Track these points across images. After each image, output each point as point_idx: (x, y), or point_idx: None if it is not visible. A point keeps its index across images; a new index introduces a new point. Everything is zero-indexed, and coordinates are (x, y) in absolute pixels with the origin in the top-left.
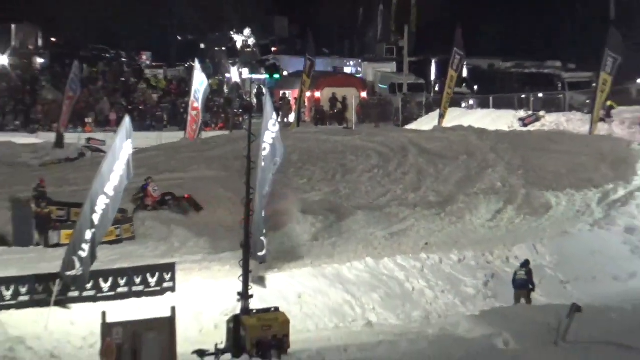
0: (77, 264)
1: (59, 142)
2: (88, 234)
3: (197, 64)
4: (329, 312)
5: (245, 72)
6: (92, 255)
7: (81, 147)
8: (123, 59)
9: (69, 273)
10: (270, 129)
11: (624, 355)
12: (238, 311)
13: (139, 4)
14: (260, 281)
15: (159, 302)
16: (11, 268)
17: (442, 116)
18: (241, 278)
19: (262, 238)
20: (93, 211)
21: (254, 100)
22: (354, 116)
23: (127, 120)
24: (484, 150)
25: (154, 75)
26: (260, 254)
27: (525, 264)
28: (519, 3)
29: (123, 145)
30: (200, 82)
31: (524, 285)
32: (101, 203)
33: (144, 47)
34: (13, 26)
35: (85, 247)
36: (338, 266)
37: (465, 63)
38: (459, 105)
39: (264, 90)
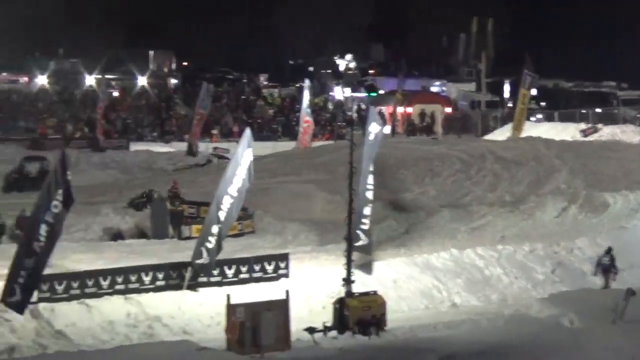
0: (205, 254)
1: (191, 151)
2: (214, 229)
3: (306, 84)
4: (420, 295)
5: (348, 91)
6: (218, 247)
7: (209, 154)
8: (244, 80)
9: (198, 261)
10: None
11: None
12: (342, 294)
13: (258, 33)
14: (361, 268)
15: (275, 286)
16: (149, 257)
17: (516, 128)
18: (345, 266)
19: (359, 232)
20: (219, 209)
21: (355, 115)
22: (440, 128)
23: (247, 131)
24: (551, 157)
25: (270, 93)
26: (357, 244)
27: (609, 250)
28: (579, 32)
29: (244, 153)
30: (308, 99)
31: (607, 269)
32: (226, 202)
33: (261, 69)
34: (151, 52)
35: (212, 239)
36: (427, 256)
37: (534, 83)
38: (529, 119)
39: (363, 106)
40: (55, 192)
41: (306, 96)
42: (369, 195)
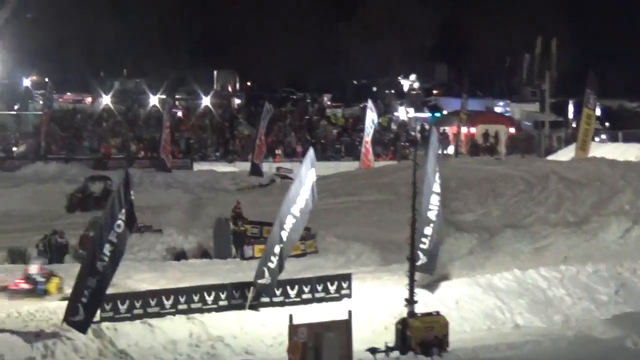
0: (267, 274)
1: (255, 171)
2: (277, 249)
3: (369, 104)
4: (482, 315)
5: (411, 111)
6: (280, 267)
7: (272, 174)
8: (307, 100)
9: (260, 281)
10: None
11: None
12: (405, 315)
13: (321, 53)
14: (424, 289)
15: (337, 306)
16: (212, 277)
17: (581, 148)
18: (407, 286)
19: (419, 251)
20: (282, 229)
21: (418, 135)
22: (503, 149)
23: (311, 151)
24: (614, 177)
25: (334, 113)
26: (417, 263)
27: None
28: None
29: (308, 173)
30: (371, 120)
31: None
32: (289, 222)
33: (325, 89)
34: (215, 72)
35: (274, 259)
36: (490, 276)
37: (597, 103)
38: (593, 140)
39: (426, 126)
40: (118, 212)
41: (368, 116)
42: (431, 215)
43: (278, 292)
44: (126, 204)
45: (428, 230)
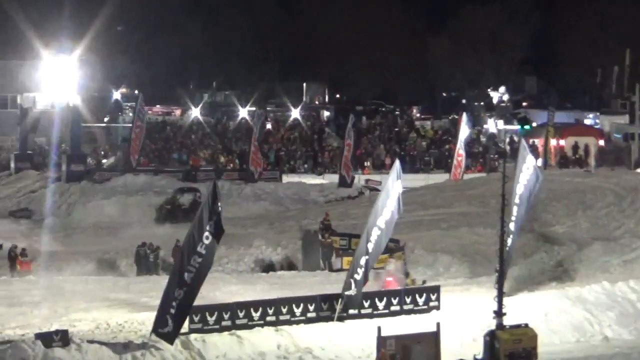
0: (353, 286)
1: (343, 182)
2: (363, 260)
3: (464, 117)
4: (571, 328)
5: (500, 124)
6: (364, 278)
7: (361, 186)
8: (397, 112)
9: (347, 293)
10: (525, 171)
11: None
12: (493, 327)
13: (411, 66)
14: (513, 301)
15: (425, 318)
16: (300, 289)
17: None
18: (496, 298)
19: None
20: (368, 241)
21: (508, 148)
22: (593, 161)
23: (397, 163)
24: None
25: (423, 125)
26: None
27: None
28: None
29: (394, 185)
30: (464, 132)
31: None
32: (374, 234)
33: (414, 101)
34: (304, 84)
35: (360, 271)
36: (579, 288)
37: None
38: None
39: (515, 138)
40: (206, 224)
41: (462, 129)
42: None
43: (367, 304)
44: (214, 215)
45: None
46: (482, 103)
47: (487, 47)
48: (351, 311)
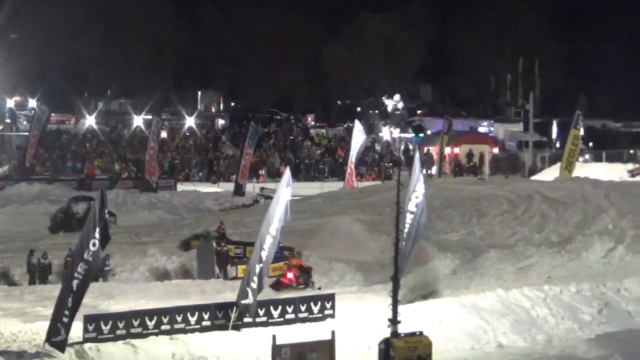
0: (250, 294)
1: (239, 191)
2: (257, 268)
3: (357, 125)
4: (466, 335)
5: (395, 132)
6: (260, 286)
7: (256, 195)
8: (292, 120)
9: (243, 301)
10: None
11: None
12: (388, 334)
13: (306, 74)
14: (408, 309)
15: (320, 326)
16: (195, 297)
17: (566, 169)
18: (391, 306)
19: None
20: (262, 249)
21: (402, 156)
22: (487, 169)
23: (287, 171)
24: (598, 197)
25: (318, 133)
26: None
27: None
28: (627, 73)
29: (283, 192)
30: (357, 141)
31: None
32: (267, 242)
33: (309, 109)
34: (199, 93)
35: (255, 279)
36: (473, 296)
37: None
38: (577, 160)
39: (410, 146)
40: (93, 231)
41: (355, 137)
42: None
43: (261, 312)
44: (100, 221)
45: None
46: (377, 111)
47: (382, 55)
48: (246, 320)
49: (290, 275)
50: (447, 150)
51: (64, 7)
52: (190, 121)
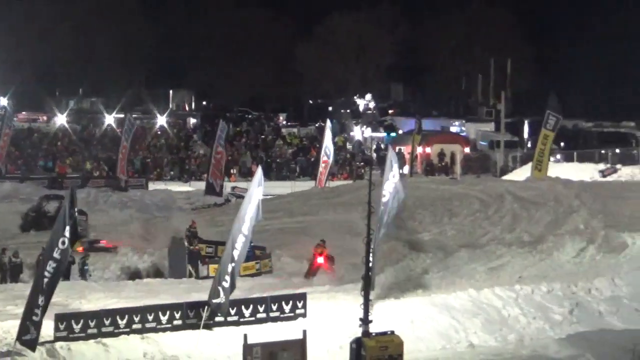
0: (221, 293)
1: (211, 190)
2: (229, 268)
3: (328, 124)
4: (437, 335)
5: (367, 131)
6: (232, 286)
7: (227, 194)
8: (263, 119)
9: (214, 301)
10: (391, 179)
11: None
12: (359, 334)
13: (278, 73)
14: (379, 308)
15: (292, 326)
16: (167, 296)
17: (536, 168)
18: (362, 305)
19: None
20: (234, 248)
21: (374, 155)
22: (458, 168)
23: (259, 170)
24: (569, 197)
25: (289, 133)
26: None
27: None
28: (598, 73)
29: (255, 191)
30: (329, 140)
31: None
32: (240, 241)
33: (281, 109)
34: (170, 91)
35: (227, 278)
36: (445, 295)
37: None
38: (548, 159)
39: (382, 146)
40: (63, 229)
41: (327, 136)
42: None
43: (233, 312)
44: (70, 220)
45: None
46: (348, 110)
47: (353, 55)
48: (218, 319)
49: (320, 260)
50: (419, 149)
51: (34, 6)
52: (161, 120)
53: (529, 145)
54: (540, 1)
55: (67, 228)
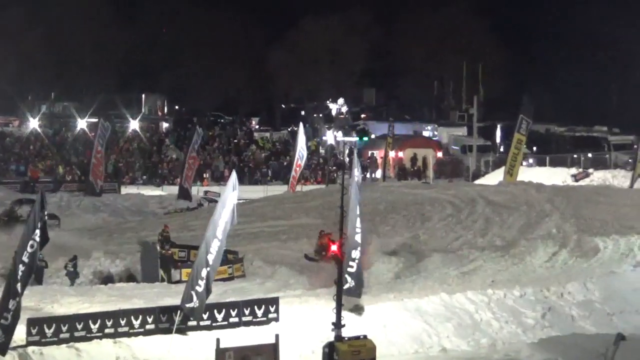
0: (195, 298)
1: (183, 194)
2: (204, 272)
3: (301, 128)
4: (410, 339)
5: (339, 135)
6: (207, 290)
7: (200, 198)
8: (236, 124)
9: (187, 305)
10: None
11: None
12: (332, 338)
13: (250, 78)
14: (351, 312)
15: (264, 330)
16: (139, 301)
17: (509, 173)
18: (335, 310)
19: (346, 275)
20: (208, 252)
21: (347, 159)
22: (431, 173)
23: (233, 174)
24: (542, 201)
25: (262, 137)
26: (345, 287)
27: None
28: (570, 77)
29: (230, 196)
30: (303, 144)
31: None
32: (214, 245)
33: (253, 113)
34: (143, 95)
35: (201, 283)
36: (417, 300)
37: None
38: (520, 164)
39: (354, 152)
40: (32, 232)
41: (300, 140)
42: (357, 238)
43: (205, 316)
44: (40, 222)
45: (355, 254)
46: (321, 115)
47: (326, 59)
48: (190, 323)
49: (334, 247)
50: (392, 154)
51: (5, 10)
52: (134, 124)
53: (502, 149)
54: (514, 7)
55: (37, 232)
